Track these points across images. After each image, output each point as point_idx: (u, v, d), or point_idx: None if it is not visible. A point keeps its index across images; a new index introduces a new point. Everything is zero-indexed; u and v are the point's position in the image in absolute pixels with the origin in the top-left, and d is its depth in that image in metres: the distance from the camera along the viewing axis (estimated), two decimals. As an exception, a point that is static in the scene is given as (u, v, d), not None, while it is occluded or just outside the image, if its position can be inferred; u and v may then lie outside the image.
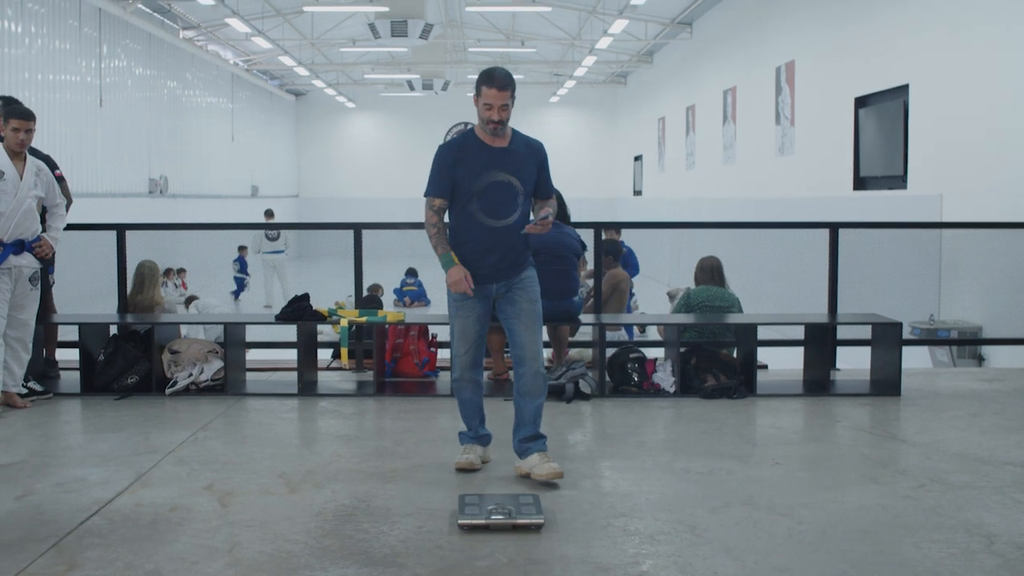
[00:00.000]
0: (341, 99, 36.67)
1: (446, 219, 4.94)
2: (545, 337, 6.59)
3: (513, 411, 4.97)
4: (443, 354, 7.51)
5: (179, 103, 24.44)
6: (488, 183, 4.78)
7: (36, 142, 6.66)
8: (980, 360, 10.52)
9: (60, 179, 6.82)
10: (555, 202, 5.02)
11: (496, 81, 4.73)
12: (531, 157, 4.89)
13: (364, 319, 7.03)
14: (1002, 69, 10.46)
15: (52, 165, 6.88)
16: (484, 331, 4.96)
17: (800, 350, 7.44)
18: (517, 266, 4.90)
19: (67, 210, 6.77)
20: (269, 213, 24.20)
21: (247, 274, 22.86)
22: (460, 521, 4.07)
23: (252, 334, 7.57)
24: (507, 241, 4.85)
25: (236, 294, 22.53)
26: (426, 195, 4.90)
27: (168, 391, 6.80)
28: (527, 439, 4.85)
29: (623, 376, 6.93)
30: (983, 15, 10.93)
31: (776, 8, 18.17)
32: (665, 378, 6.81)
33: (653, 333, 10.73)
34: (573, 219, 7.45)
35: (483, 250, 4.84)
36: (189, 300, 14.86)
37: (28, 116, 6.31)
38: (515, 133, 4.91)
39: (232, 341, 6.98)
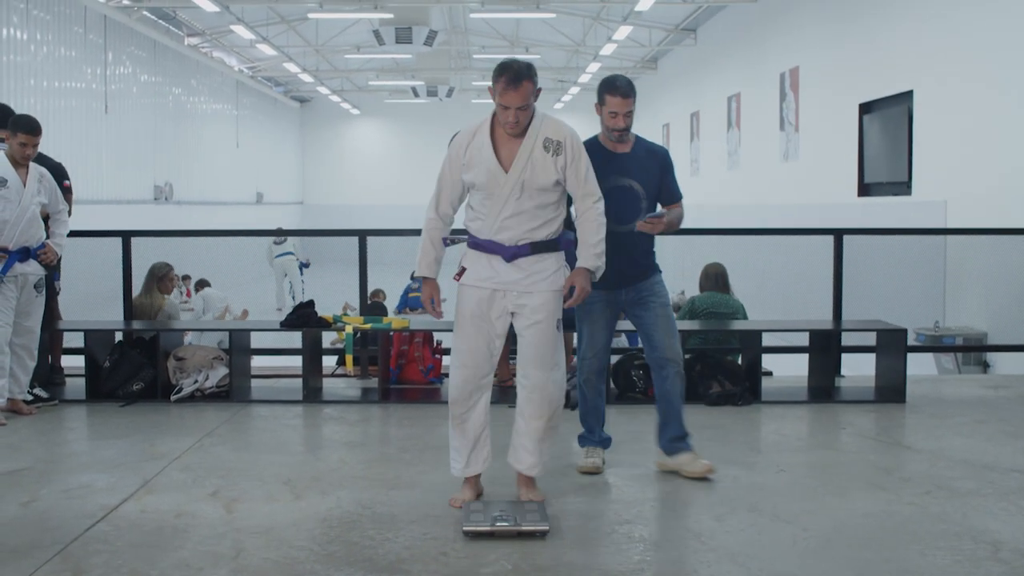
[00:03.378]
0: (346, 106, 36.70)
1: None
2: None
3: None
4: (448, 361, 7.51)
5: (184, 110, 24.48)
6: (610, 188, 4.78)
7: (43, 149, 6.66)
8: (985, 367, 10.50)
9: (67, 190, 6.83)
10: (681, 208, 5.08)
11: (620, 89, 4.86)
12: (653, 162, 4.99)
13: (369, 326, 7.04)
14: (1006, 75, 10.45)
15: (63, 175, 6.89)
16: (611, 337, 5.09)
17: (805, 357, 7.43)
18: (644, 271, 4.99)
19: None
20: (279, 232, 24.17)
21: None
22: (465, 528, 4.07)
23: (257, 341, 7.58)
24: (632, 246, 4.92)
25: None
26: None
27: (173, 398, 6.80)
28: (676, 438, 5.00)
29: (628, 383, 6.93)
30: (987, 21, 10.93)
31: (780, 14, 18.17)
32: (670, 385, 6.79)
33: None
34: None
35: (609, 255, 4.75)
36: (200, 285, 14.90)
37: (36, 131, 6.31)
38: (638, 139, 5.03)
39: (237, 348, 6.99)
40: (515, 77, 4.26)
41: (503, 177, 4.29)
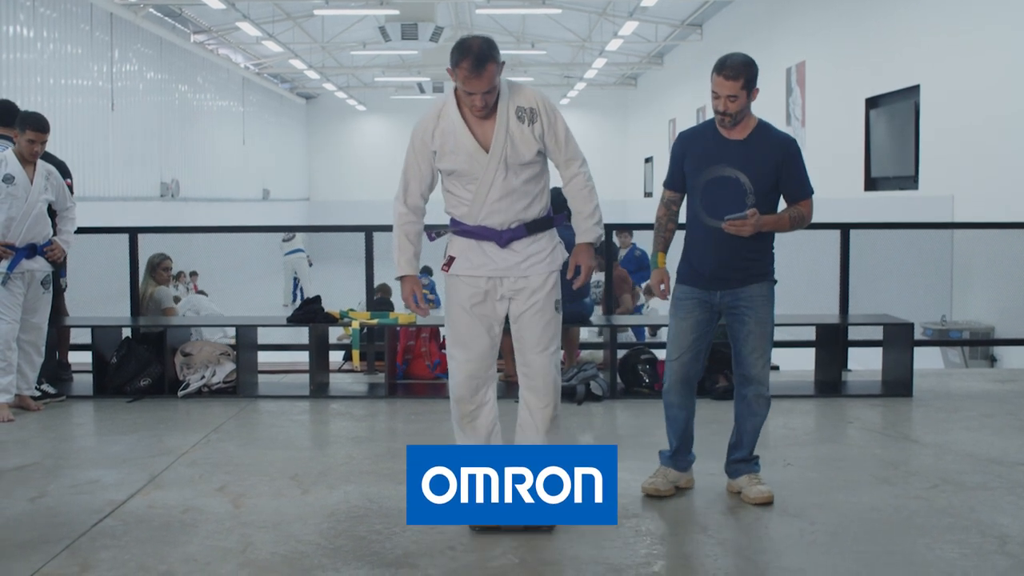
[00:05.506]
0: (351, 102, 36.71)
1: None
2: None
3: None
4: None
5: (190, 107, 24.51)
6: (711, 178, 4.37)
7: (49, 146, 6.68)
8: (992, 361, 10.49)
9: (68, 188, 6.84)
10: (806, 208, 4.47)
11: (724, 69, 4.33)
12: (770, 153, 4.38)
13: (375, 321, 7.05)
14: (1013, 69, 10.43)
15: (65, 172, 6.90)
16: (703, 341, 4.51)
17: (811, 351, 7.42)
18: (746, 275, 4.42)
19: None
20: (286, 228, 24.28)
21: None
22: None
23: (264, 337, 7.59)
24: (730, 245, 4.36)
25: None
26: (663, 184, 4.63)
27: (180, 393, 6.82)
28: (739, 460, 4.61)
29: (634, 378, 6.93)
30: (994, 15, 10.90)
31: (787, 9, 18.14)
32: (676, 379, 6.78)
33: (665, 335, 10.70)
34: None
35: (704, 252, 4.43)
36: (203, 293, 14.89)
37: (45, 128, 6.32)
38: (761, 126, 4.47)
39: (244, 343, 7.00)
40: (477, 63, 3.86)
41: (484, 158, 4.00)
